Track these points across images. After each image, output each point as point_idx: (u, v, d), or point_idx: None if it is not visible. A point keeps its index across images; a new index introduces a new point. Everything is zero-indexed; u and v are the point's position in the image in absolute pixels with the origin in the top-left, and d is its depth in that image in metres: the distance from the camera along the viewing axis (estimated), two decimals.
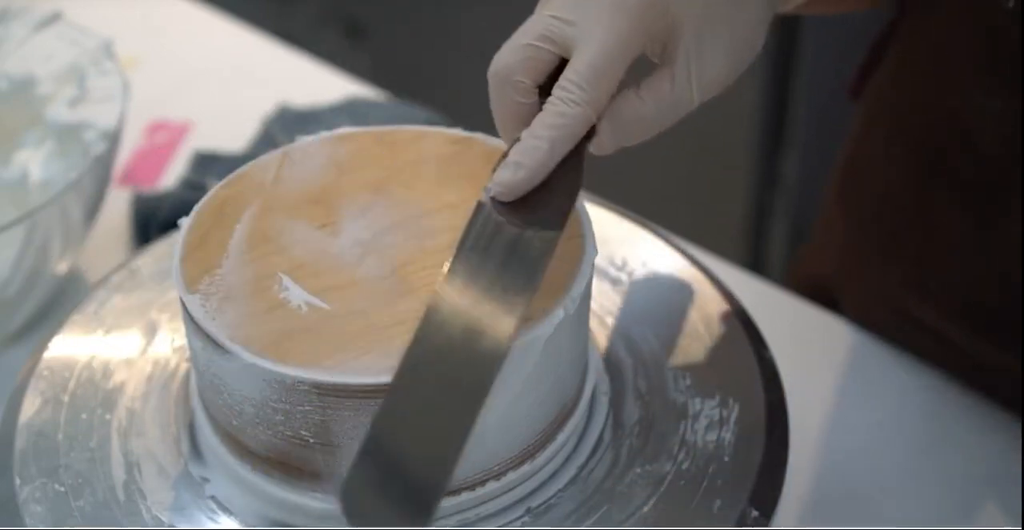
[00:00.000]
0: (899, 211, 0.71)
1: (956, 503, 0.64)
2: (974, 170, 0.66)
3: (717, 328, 0.59)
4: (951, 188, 0.67)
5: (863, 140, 0.76)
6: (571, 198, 0.49)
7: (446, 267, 0.46)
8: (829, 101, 1.53)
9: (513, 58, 0.49)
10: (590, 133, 0.50)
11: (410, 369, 0.43)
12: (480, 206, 0.48)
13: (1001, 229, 0.65)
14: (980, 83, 0.64)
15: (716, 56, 0.50)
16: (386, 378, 0.45)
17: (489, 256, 0.47)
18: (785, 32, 1.48)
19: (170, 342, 0.59)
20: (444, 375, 0.44)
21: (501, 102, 0.50)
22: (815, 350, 0.72)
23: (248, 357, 0.46)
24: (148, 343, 0.59)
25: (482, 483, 0.50)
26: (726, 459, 0.53)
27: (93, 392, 0.56)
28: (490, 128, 0.55)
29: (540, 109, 0.49)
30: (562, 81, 0.48)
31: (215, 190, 0.54)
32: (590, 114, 0.48)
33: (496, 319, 0.44)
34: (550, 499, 0.52)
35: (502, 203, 0.48)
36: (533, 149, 0.48)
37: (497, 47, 0.50)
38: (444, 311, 0.45)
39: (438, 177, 0.54)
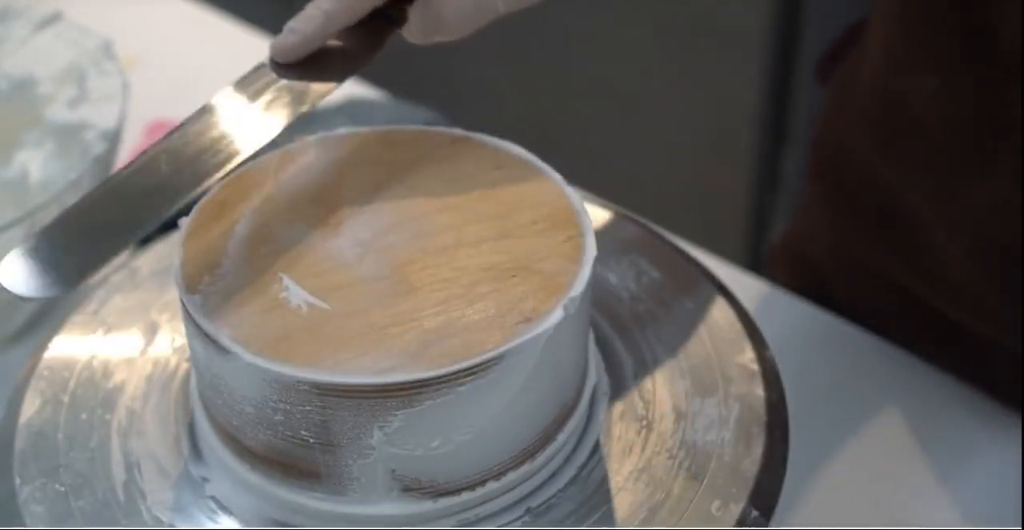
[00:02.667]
0: (874, 191, 0.72)
1: (957, 503, 0.64)
2: (927, 148, 0.67)
3: (717, 328, 0.59)
4: (911, 167, 0.68)
5: (830, 124, 0.77)
6: (344, 72, 0.53)
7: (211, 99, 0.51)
8: None
9: None
10: (402, 19, 0.53)
11: (141, 161, 0.48)
12: (261, 64, 0.53)
13: (964, 207, 0.66)
14: (922, 62, 0.65)
15: None
16: (386, 378, 0.45)
17: (257, 95, 0.52)
18: (786, 30, 1.48)
19: (170, 342, 0.59)
20: (174, 163, 0.48)
21: None
22: (815, 350, 0.72)
23: (248, 357, 0.46)
24: (148, 343, 0.59)
25: (482, 483, 0.50)
26: (726, 459, 0.53)
27: (93, 392, 0.56)
28: (490, 128, 0.55)
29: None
30: None
31: (215, 190, 0.54)
32: None
33: (248, 131, 0.50)
34: (550, 499, 0.52)
35: (279, 66, 0.52)
36: (309, 17, 0.52)
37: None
38: (199, 120, 0.51)
39: (438, 177, 0.54)
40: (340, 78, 0.53)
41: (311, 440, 0.48)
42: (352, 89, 0.96)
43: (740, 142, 1.58)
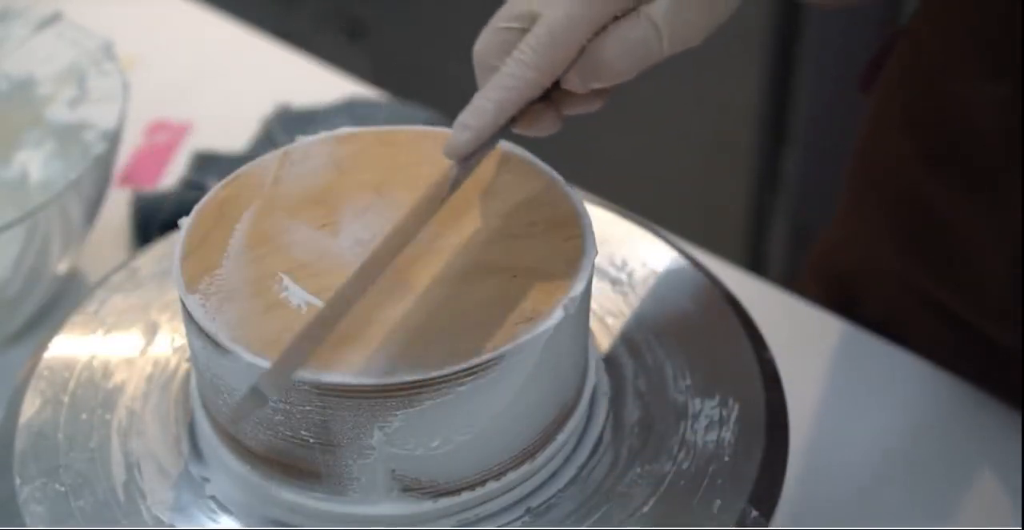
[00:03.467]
0: (916, 202, 0.71)
1: (957, 502, 0.64)
2: (983, 158, 0.66)
3: (717, 328, 0.59)
4: (962, 176, 0.67)
5: (875, 135, 0.76)
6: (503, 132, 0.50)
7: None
8: (830, 100, 1.54)
9: (490, 42, 0.50)
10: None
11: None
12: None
13: (1012, 220, 0.65)
14: (984, 70, 0.64)
15: (689, 5, 0.49)
16: (386, 378, 0.45)
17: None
18: (787, 30, 1.48)
19: (170, 342, 0.59)
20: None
21: (479, 73, 0.51)
22: (815, 350, 0.72)
23: (248, 357, 0.46)
24: (148, 343, 0.59)
25: (482, 483, 0.50)
26: (726, 459, 0.53)
27: (93, 392, 0.56)
28: None
29: None
30: (520, 44, 0.48)
31: (215, 190, 0.54)
32: (541, 79, 0.48)
33: None
34: (550, 499, 0.52)
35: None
36: (480, 111, 0.48)
37: None
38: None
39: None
40: (499, 138, 0.51)
41: (311, 440, 0.48)
42: (352, 89, 0.96)
43: (740, 142, 1.58)
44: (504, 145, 0.56)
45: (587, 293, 0.50)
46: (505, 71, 0.48)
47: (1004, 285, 0.67)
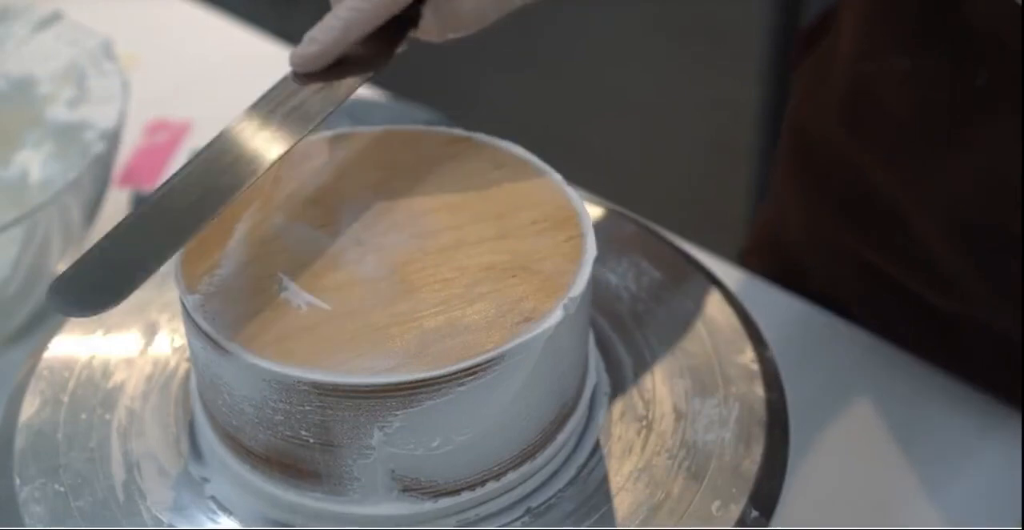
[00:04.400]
0: (847, 172, 0.73)
1: (957, 502, 0.64)
2: (897, 132, 0.68)
3: (717, 328, 0.59)
4: (883, 149, 0.69)
5: (800, 110, 0.78)
6: (363, 75, 0.53)
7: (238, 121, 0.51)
8: None
9: None
10: (415, 19, 0.53)
11: (166, 187, 0.48)
12: (284, 77, 0.53)
13: (938, 188, 0.66)
14: (889, 45, 0.65)
15: None
16: (386, 378, 0.45)
17: (274, 112, 0.52)
18: (786, 31, 1.48)
19: (170, 342, 0.59)
20: (196, 186, 0.48)
21: None
22: (815, 350, 0.72)
23: (248, 357, 0.46)
24: (148, 343, 0.59)
25: (482, 483, 0.50)
26: (726, 459, 0.53)
27: (93, 392, 0.56)
28: (490, 128, 0.55)
29: None
30: None
31: None
32: (389, 4, 0.52)
33: (262, 149, 0.50)
34: (550, 499, 0.52)
35: (301, 75, 0.53)
36: (329, 28, 0.52)
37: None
38: (216, 145, 0.50)
39: (438, 177, 0.54)
40: (358, 82, 0.53)
41: (311, 440, 0.48)
42: None
43: (740, 142, 1.58)
44: (504, 145, 0.56)
45: (587, 293, 0.50)
46: None
47: (942, 254, 0.68)
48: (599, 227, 0.52)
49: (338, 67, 0.53)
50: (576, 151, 1.27)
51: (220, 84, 0.99)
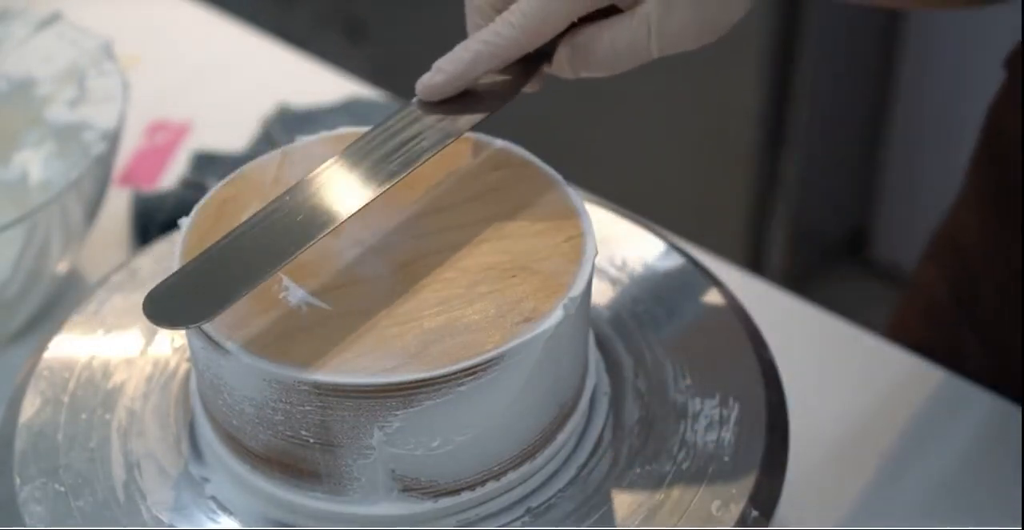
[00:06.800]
0: None
1: (957, 502, 0.64)
2: None
3: (717, 328, 0.59)
4: None
5: (997, 111, 0.73)
6: (487, 110, 0.52)
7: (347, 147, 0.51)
8: (830, 100, 1.54)
9: None
10: (550, 55, 0.52)
11: (273, 205, 0.49)
12: (408, 104, 0.52)
13: None
14: None
15: (683, 11, 0.50)
16: (386, 378, 0.45)
17: (384, 144, 0.51)
18: (787, 30, 1.48)
19: (170, 342, 0.59)
20: (302, 207, 0.49)
21: (469, 22, 0.53)
22: (815, 350, 0.72)
23: (248, 357, 0.46)
24: (148, 343, 0.59)
25: (482, 483, 0.50)
26: (726, 459, 0.53)
27: (93, 392, 0.56)
28: (490, 128, 0.55)
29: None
30: (512, 6, 0.50)
31: (215, 190, 0.54)
32: (523, 42, 0.50)
33: (347, 195, 0.49)
34: (550, 499, 0.52)
35: (426, 104, 0.51)
36: (457, 59, 0.51)
37: None
38: (334, 167, 0.50)
39: (438, 177, 0.54)
40: (484, 114, 0.52)
41: (311, 440, 0.48)
42: (352, 89, 0.96)
43: (740, 142, 1.58)
44: (504, 145, 0.56)
45: (587, 293, 0.50)
46: (492, 27, 0.50)
47: None
48: (599, 227, 0.52)
49: (463, 98, 0.52)
50: (576, 151, 1.27)
51: (220, 84, 0.99)
